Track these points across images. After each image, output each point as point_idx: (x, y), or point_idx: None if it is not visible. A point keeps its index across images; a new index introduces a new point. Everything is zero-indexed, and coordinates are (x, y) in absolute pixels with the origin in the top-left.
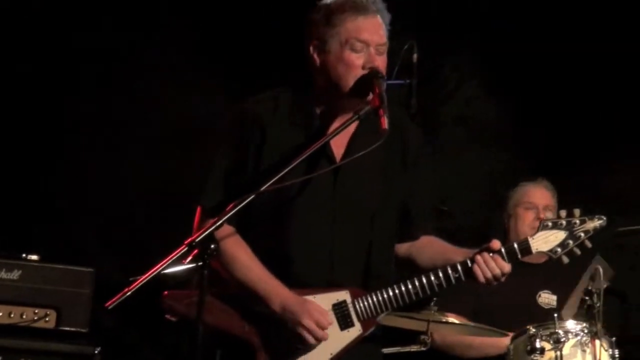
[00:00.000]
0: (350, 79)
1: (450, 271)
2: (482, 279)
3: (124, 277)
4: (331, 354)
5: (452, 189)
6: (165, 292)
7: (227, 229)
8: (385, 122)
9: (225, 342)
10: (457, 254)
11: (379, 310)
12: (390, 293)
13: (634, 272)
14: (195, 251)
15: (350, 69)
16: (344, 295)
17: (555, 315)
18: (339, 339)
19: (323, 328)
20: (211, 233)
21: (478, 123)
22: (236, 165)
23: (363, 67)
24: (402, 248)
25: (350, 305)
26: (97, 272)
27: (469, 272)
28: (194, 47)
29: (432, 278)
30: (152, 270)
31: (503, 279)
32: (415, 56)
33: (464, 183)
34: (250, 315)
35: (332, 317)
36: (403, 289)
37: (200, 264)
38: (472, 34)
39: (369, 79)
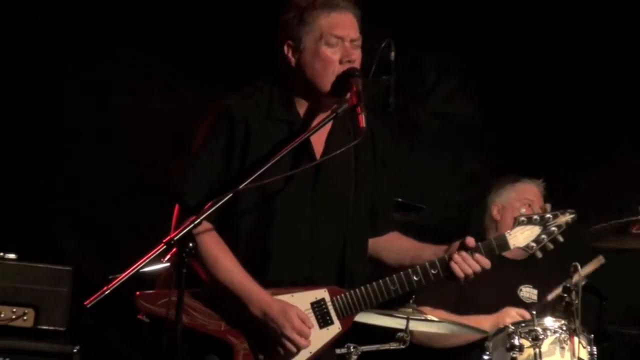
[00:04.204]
0: (328, 75)
1: (429, 268)
2: (461, 275)
3: (103, 276)
4: (310, 352)
5: (428, 186)
6: (138, 293)
7: (207, 228)
8: (363, 120)
9: (202, 342)
10: (425, 250)
11: (358, 307)
12: (370, 290)
13: (610, 269)
14: (174, 250)
15: (328, 64)
16: (322, 293)
17: (534, 312)
18: (318, 337)
19: (305, 337)
20: (189, 231)
21: (455, 120)
22: (220, 163)
23: (340, 62)
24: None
25: (329, 304)
26: (75, 271)
27: (447, 269)
28: (169, 44)
29: (412, 275)
30: (131, 269)
31: (479, 274)
32: (392, 54)
33: (440, 180)
34: (228, 315)
35: (310, 315)
36: (382, 286)
37: (178, 262)
38: (451, 31)
39: (346, 77)
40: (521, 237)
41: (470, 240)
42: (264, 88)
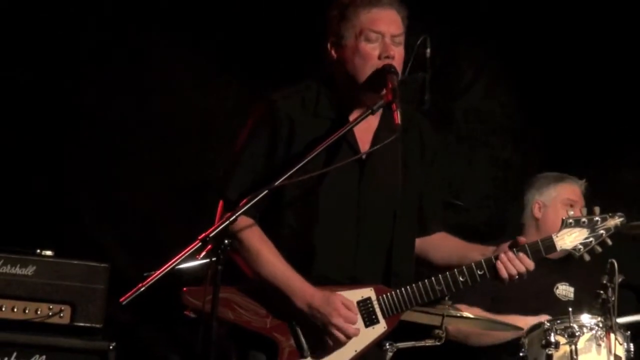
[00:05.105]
0: (367, 70)
1: (475, 269)
2: (506, 277)
3: (139, 273)
4: (355, 350)
5: (465, 183)
6: (185, 289)
7: (248, 223)
8: (397, 117)
9: (247, 339)
10: (472, 250)
11: (404, 306)
12: (415, 290)
13: None
14: (209, 246)
15: (367, 59)
16: (368, 292)
17: (570, 309)
18: (363, 335)
19: (352, 323)
20: (225, 228)
21: (492, 117)
22: (264, 160)
23: (379, 57)
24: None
25: (375, 302)
26: (111, 268)
27: (493, 269)
28: (208, 42)
29: (458, 276)
30: (166, 266)
31: (525, 277)
32: (428, 51)
33: (477, 177)
34: (273, 311)
35: (356, 314)
36: (428, 286)
37: (214, 259)
38: (487, 28)
39: (382, 73)
40: (568, 239)
41: (521, 240)
42: (312, 86)
